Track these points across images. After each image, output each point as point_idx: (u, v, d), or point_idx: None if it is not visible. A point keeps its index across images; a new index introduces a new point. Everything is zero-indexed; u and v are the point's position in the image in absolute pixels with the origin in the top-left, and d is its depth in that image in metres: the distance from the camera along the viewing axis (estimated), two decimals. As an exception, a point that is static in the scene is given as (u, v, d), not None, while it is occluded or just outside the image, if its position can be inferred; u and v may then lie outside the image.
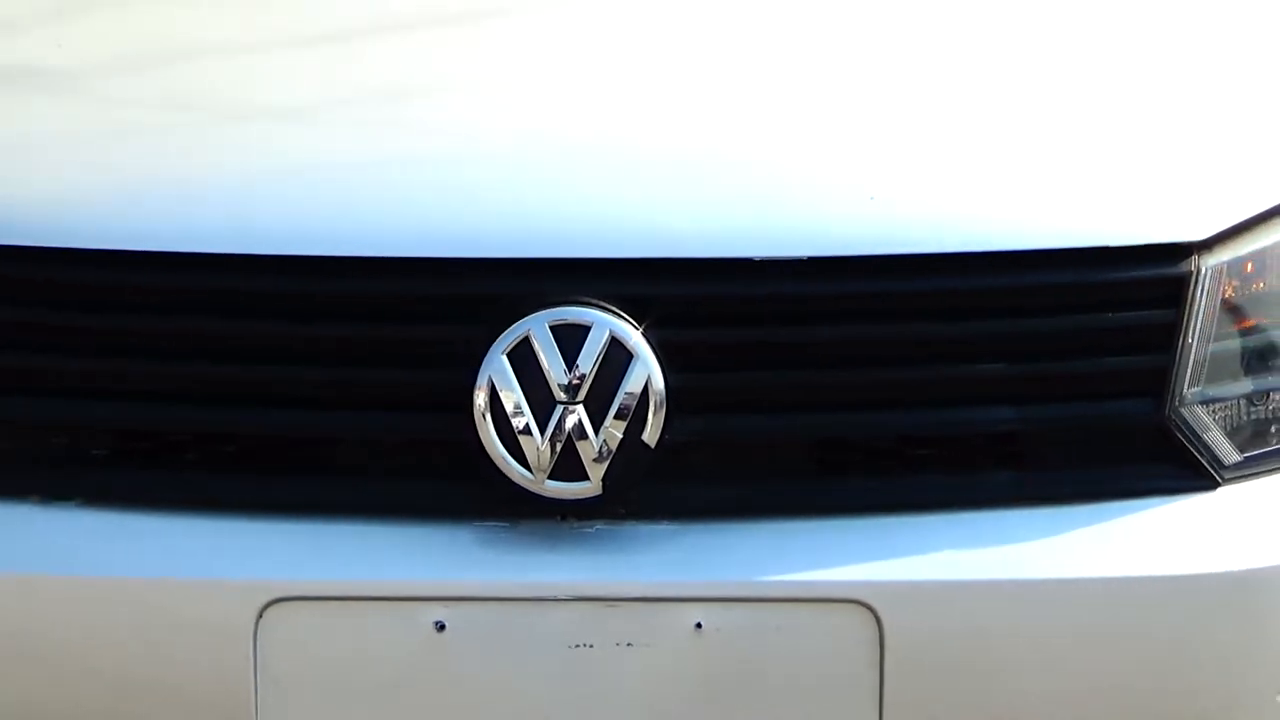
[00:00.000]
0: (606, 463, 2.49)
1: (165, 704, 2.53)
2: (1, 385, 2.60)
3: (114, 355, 2.58)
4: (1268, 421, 2.64)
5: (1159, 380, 2.58)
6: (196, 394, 2.57)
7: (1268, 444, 2.63)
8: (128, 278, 2.57)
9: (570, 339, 2.49)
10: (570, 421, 2.48)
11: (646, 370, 2.49)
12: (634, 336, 2.49)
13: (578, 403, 2.48)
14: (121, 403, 2.59)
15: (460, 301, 2.54)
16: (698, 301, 2.55)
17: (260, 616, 2.49)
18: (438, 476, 2.55)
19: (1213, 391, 2.61)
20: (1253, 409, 2.63)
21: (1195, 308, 2.59)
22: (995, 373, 2.59)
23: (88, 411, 2.60)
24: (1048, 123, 2.78)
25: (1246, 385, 2.63)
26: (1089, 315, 2.60)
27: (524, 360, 2.49)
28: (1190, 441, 2.59)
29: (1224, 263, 2.61)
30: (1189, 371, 2.59)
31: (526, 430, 2.49)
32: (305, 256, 2.55)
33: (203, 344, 2.57)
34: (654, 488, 2.53)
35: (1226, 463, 2.60)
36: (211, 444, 2.59)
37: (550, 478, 2.49)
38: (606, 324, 2.49)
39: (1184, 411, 2.59)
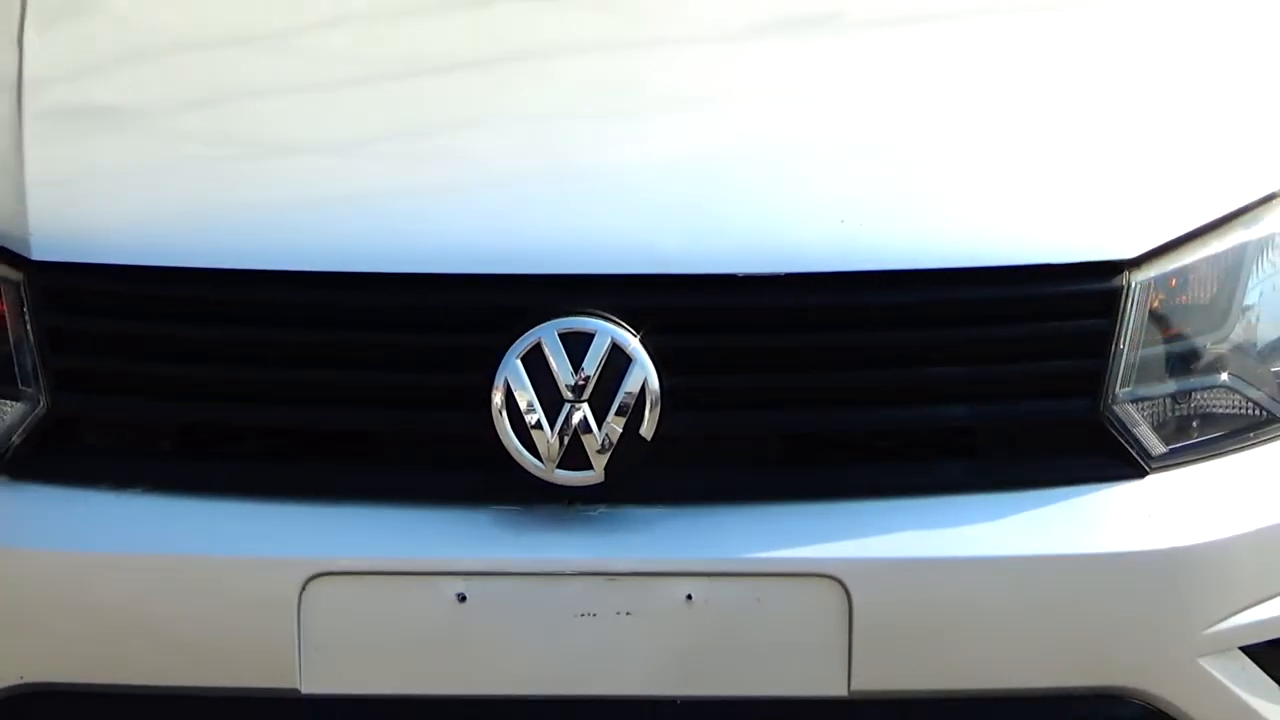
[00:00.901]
0: (608, 454, 2.47)
1: (219, 666, 2.52)
2: (80, 387, 2.57)
3: (182, 360, 2.57)
4: (1189, 418, 2.61)
5: (1094, 381, 2.56)
6: (251, 393, 2.56)
7: (1190, 437, 2.61)
8: (193, 291, 2.55)
9: (576, 345, 2.47)
10: (576, 417, 2.47)
11: (644, 372, 2.47)
12: (633, 343, 2.48)
13: (583, 401, 2.47)
14: (187, 402, 2.57)
15: (480, 312, 2.53)
16: (689, 312, 2.54)
17: (303, 590, 2.48)
18: (460, 466, 2.53)
19: (1142, 391, 2.59)
20: (1177, 407, 2.61)
21: (1126, 317, 2.57)
22: (950, 375, 2.56)
23: (156, 410, 2.59)
24: (997, 151, 2.76)
25: (1171, 386, 2.61)
26: (1033, 324, 2.58)
27: (536, 364, 2.48)
28: (1122, 435, 2.56)
29: (1152, 278, 2.59)
30: (1121, 374, 2.57)
31: (538, 425, 2.47)
32: (346, 273, 2.54)
33: (258, 349, 2.56)
34: (650, 476, 2.51)
35: (1154, 454, 2.57)
36: (260, 438, 2.58)
37: (559, 467, 2.48)
38: (609, 332, 2.48)
39: (1116, 409, 2.57)
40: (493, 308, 2.52)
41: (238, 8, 3.13)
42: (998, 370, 2.57)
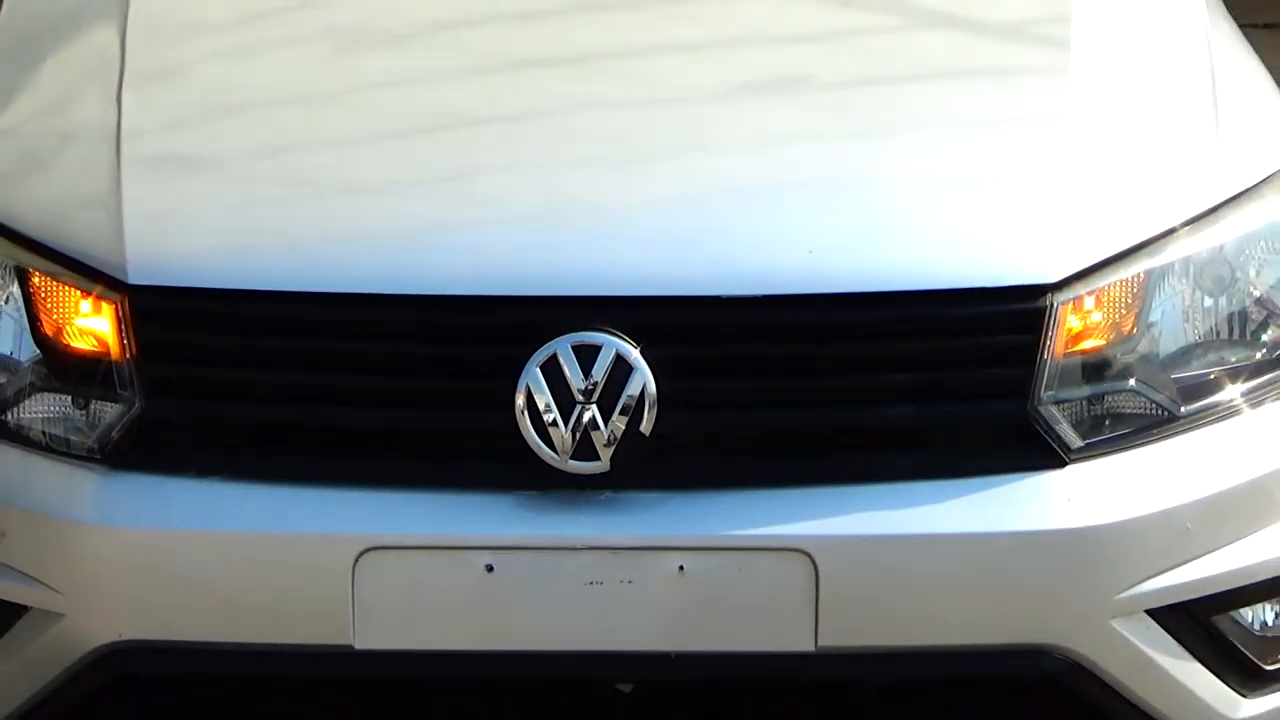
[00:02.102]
0: (613, 447, 2.46)
1: (286, 625, 2.50)
2: (168, 391, 2.55)
3: (254, 368, 2.55)
4: (1102, 417, 2.58)
5: (1023, 386, 2.54)
6: (313, 396, 2.55)
7: (1103, 433, 2.58)
8: (265, 310, 2.55)
9: (586, 356, 2.46)
10: (586, 416, 2.45)
11: (643, 379, 2.45)
12: (633, 354, 2.46)
13: (592, 403, 2.45)
14: (259, 403, 2.56)
15: (505, 327, 2.51)
16: (681, 327, 2.52)
17: (357, 561, 2.46)
18: (488, 458, 2.51)
19: (1062, 394, 2.56)
20: (1092, 407, 2.58)
21: (1050, 332, 2.54)
22: (901, 381, 2.55)
23: (233, 411, 2.57)
24: (940, 190, 2.73)
25: (1087, 390, 2.58)
26: (972, 338, 2.57)
27: (552, 371, 2.46)
28: (1045, 432, 2.54)
29: (1071, 299, 2.57)
30: (1045, 379, 2.55)
31: (554, 423, 2.45)
32: (392, 295, 2.53)
33: (319, 359, 2.55)
34: (648, 465, 2.48)
35: (1072, 447, 2.54)
36: (321, 434, 2.55)
37: (571, 458, 2.46)
38: (613, 344, 2.46)
39: (1041, 409, 2.54)
40: (516, 324, 2.50)
41: (302, 72, 3.10)
42: (941, 376, 2.55)
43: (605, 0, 3.32)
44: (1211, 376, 2.65)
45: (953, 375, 2.55)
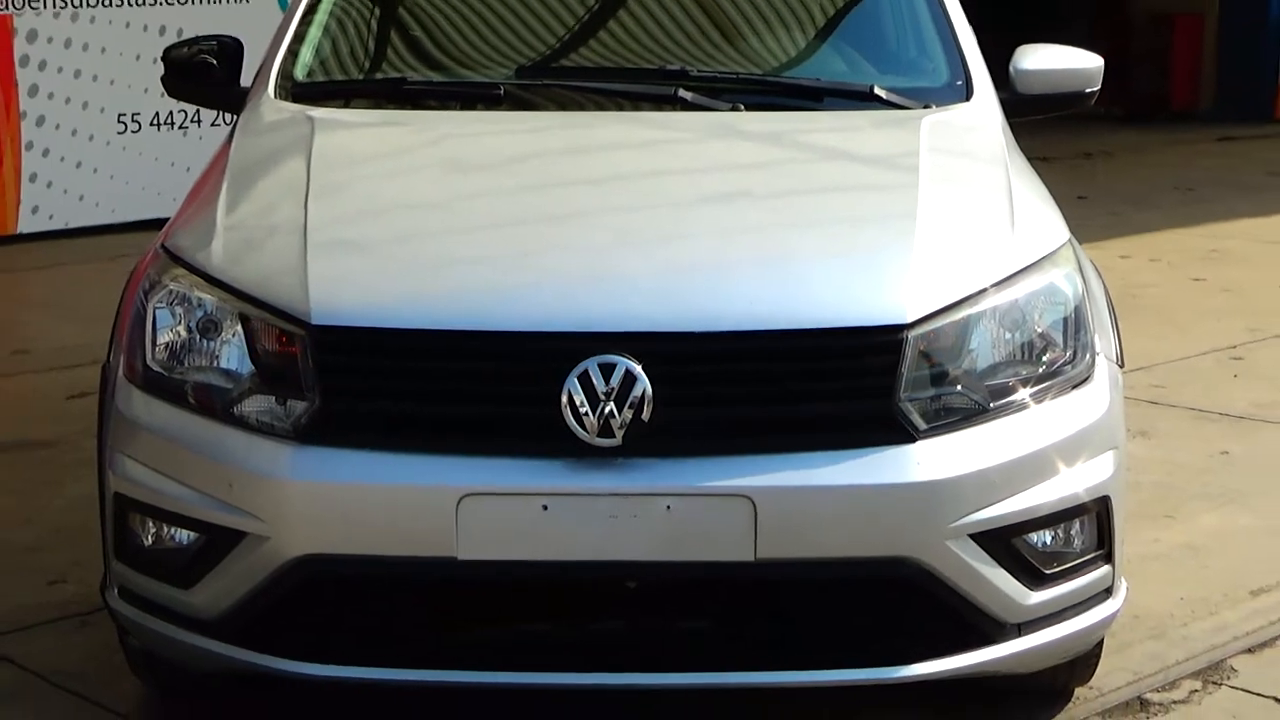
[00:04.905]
0: (624, 430, 2.44)
1: (416, 543, 2.47)
2: (336, 393, 2.50)
3: (395, 378, 2.52)
4: (939, 410, 2.55)
5: (889, 390, 2.52)
6: (432, 396, 2.52)
7: (939, 420, 2.54)
8: (403, 341, 2.51)
9: (607, 370, 2.44)
10: (607, 410, 2.43)
11: (643, 385, 2.44)
12: (638, 369, 2.44)
13: (610, 401, 2.43)
14: (399, 401, 2.51)
15: (557, 352, 2.48)
16: (668, 352, 2.49)
17: (459, 503, 2.44)
18: (543, 437, 2.47)
19: (913, 395, 2.54)
20: (932, 403, 2.55)
21: (906, 355, 2.53)
22: (811, 386, 2.53)
23: (381, 406, 2.51)
24: (836, 261, 2.72)
25: (930, 392, 2.55)
26: (856, 359, 2.54)
27: (585, 381, 2.44)
28: (903, 420, 2.52)
29: (920, 333, 2.55)
30: (902, 385, 2.52)
31: (586, 414, 2.44)
32: (485, 330, 2.51)
33: (437, 371, 2.51)
34: (647, 442, 2.46)
35: (920, 430, 2.52)
36: (438, 420, 2.52)
37: (597, 437, 2.44)
38: (625, 363, 2.45)
39: (900, 405, 2.52)
40: (563, 350, 2.48)
41: (423, 188, 3.08)
42: (837, 383, 2.53)
43: (616, 143, 3.27)
44: (1010, 384, 2.62)
45: (844, 383, 2.53)
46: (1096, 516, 2.67)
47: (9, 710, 3.02)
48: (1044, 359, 2.67)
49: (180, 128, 8.22)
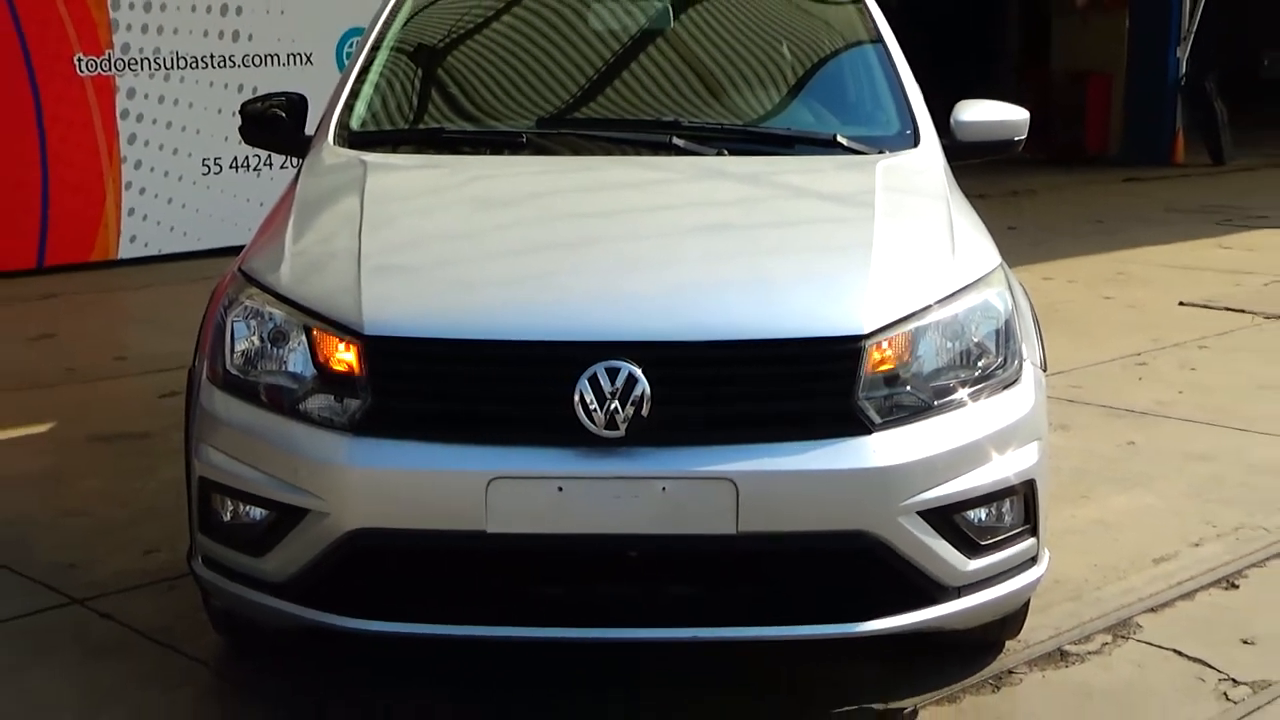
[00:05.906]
0: (627, 424, 2.42)
1: (450, 518, 2.45)
2: (386, 392, 2.49)
3: (434, 379, 2.49)
4: (892, 407, 2.54)
5: (849, 390, 2.50)
6: (466, 395, 2.48)
7: (891, 416, 2.53)
8: (440, 348, 2.48)
9: (613, 373, 2.43)
10: (612, 407, 2.42)
11: (644, 387, 2.43)
12: (638, 372, 2.43)
13: (615, 400, 2.42)
14: (440, 400, 2.49)
15: (571, 358, 2.47)
16: (664, 358, 2.48)
17: (489, 485, 2.43)
18: (559, 430, 2.46)
19: (870, 394, 2.52)
20: (886, 401, 2.54)
21: (863, 360, 2.51)
22: (784, 387, 2.51)
23: (423, 404, 2.49)
24: (803, 282, 2.69)
25: (884, 391, 2.54)
26: (821, 363, 2.52)
27: (594, 382, 2.43)
28: (861, 415, 2.50)
29: (875, 342, 2.54)
30: (860, 386, 2.51)
31: (595, 410, 2.42)
32: (511, 340, 2.49)
33: (469, 374, 2.49)
34: (646, 434, 2.44)
35: (875, 423, 2.51)
36: (471, 416, 2.49)
37: (604, 429, 2.42)
38: (628, 367, 2.43)
39: (858, 403, 2.51)
40: (576, 356, 2.46)
41: (457, 221, 3.06)
42: (807, 385, 2.51)
43: (620, 182, 3.25)
44: (951, 385, 2.61)
45: (812, 384, 2.51)
46: (1024, 497, 2.67)
47: (112, 659, 3.03)
48: (980, 364, 2.66)
49: (254, 170, 8.31)
